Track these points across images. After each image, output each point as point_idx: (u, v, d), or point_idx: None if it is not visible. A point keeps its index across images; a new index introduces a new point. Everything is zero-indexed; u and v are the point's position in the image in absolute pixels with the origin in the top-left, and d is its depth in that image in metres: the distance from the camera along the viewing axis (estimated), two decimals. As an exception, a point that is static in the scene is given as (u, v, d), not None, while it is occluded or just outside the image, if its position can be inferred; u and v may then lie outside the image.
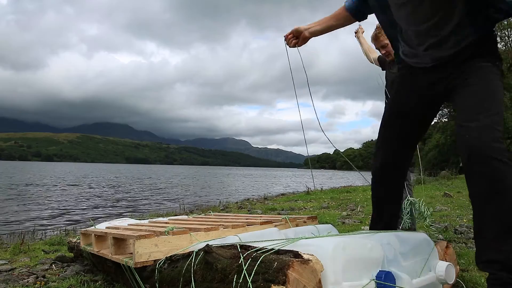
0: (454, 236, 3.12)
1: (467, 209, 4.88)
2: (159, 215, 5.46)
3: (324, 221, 4.06)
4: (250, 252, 1.22)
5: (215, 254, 1.28)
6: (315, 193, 9.32)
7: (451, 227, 3.45)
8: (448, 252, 1.73)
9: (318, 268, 1.15)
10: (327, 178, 30.11)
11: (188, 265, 1.35)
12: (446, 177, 13.20)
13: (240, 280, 1.15)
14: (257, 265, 1.15)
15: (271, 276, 1.10)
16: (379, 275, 1.30)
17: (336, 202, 6.65)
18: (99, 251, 1.93)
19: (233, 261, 1.23)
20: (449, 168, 16.95)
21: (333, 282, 1.19)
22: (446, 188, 8.52)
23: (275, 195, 10.34)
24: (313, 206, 6.27)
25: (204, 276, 1.29)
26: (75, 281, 2.00)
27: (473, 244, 2.81)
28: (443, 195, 6.95)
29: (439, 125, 21.00)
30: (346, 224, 3.93)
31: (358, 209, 5.40)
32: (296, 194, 10.33)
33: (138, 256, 1.51)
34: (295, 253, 1.18)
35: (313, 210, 5.68)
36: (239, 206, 6.13)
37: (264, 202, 7.53)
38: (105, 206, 8.56)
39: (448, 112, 17.33)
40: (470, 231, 3.28)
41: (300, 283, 1.09)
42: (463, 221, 3.90)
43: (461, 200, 6.16)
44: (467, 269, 2.15)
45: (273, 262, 1.14)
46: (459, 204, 5.55)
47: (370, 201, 6.42)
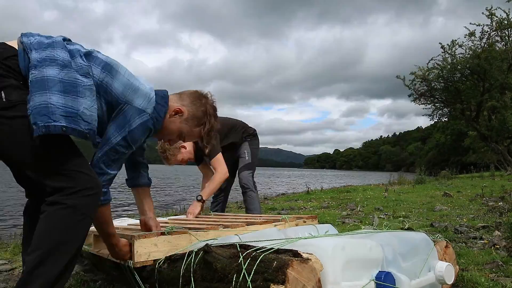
0: (454, 236, 3.12)
1: (467, 209, 4.88)
2: (158, 215, 5.46)
3: (324, 220, 4.06)
4: (250, 252, 1.22)
5: (214, 254, 1.28)
6: (315, 193, 9.32)
7: (451, 227, 3.45)
8: (448, 252, 1.73)
9: (318, 267, 1.15)
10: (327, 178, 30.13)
11: (187, 264, 1.36)
12: (446, 177, 13.19)
13: (239, 280, 1.15)
14: (257, 265, 1.15)
15: (270, 275, 1.11)
16: (378, 275, 1.30)
17: (336, 202, 6.65)
18: (99, 251, 1.93)
19: (232, 260, 1.23)
20: (449, 168, 16.93)
21: (332, 281, 1.19)
22: (446, 188, 8.51)
23: (275, 195, 10.33)
24: (313, 205, 6.26)
25: (203, 275, 1.29)
26: (75, 281, 2.00)
27: (473, 244, 2.81)
28: (443, 194, 6.94)
29: (439, 125, 20.97)
30: (346, 224, 3.92)
31: (358, 209, 5.40)
32: (296, 193, 10.33)
33: (138, 256, 1.51)
34: (295, 252, 1.18)
35: (313, 209, 5.67)
36: (239, 206, 6.13)
37: (264, 201, 7.53)
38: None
39: (448, 112, 17.28)
40: (470, 231, 3.28)
41: (300, 282, 1.09)
42: (463, 221, 3.90)
43: (461, 200, 6.15)
44: (467, 269, 2.15)
45: (273, 261, 1.14)
46: (459, 204, 5.55)
47: (370, 201, 6.44)
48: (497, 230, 3.16)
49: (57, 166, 1.28)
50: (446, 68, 15.16)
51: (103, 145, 1.42)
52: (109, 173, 1.43)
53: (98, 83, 1.38)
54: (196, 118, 1.59)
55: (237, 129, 3.34)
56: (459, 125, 18.43)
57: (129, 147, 1.45)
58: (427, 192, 7.71)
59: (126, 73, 1.47)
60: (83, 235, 1.30)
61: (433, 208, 5.08)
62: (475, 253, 2.51)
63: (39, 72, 1.25)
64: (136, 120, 1.42)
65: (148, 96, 1.48)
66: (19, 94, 1.24)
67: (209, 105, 1.64)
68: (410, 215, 4.53)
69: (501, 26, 13.93)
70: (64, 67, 1.29)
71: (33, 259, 1.21)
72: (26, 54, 1.29)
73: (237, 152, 3.36)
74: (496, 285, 1.83)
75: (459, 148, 37.11)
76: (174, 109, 1.57)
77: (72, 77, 1.29)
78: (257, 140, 3.47)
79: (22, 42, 1.31)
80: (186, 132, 1.61)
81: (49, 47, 1.31)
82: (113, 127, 1.42)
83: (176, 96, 1.62)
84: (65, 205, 1.24)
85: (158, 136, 1.64)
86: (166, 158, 2.99)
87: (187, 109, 1.59)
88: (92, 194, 1.30)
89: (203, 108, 1.61)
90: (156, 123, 1.50)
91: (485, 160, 21.07)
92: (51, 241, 1.23)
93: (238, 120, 3.47)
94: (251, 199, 3.21)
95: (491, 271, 2.10)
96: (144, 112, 1.44)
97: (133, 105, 1.43)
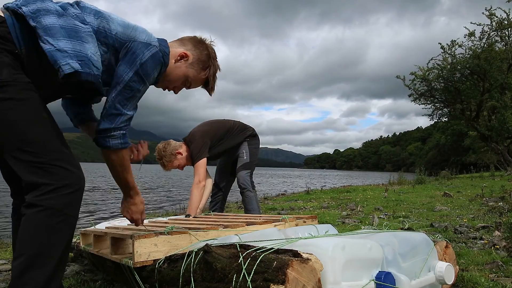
0: (454, 236, 3.12)
1: (467, 209, 4.88)
2: (158, 215, 5.46)
3: (324, 221, 4.06)
4: (250, 252, 1.22)
5: (214, 254, 1.28)
6: (315, 193, 9.32)
7: (451, 227, 3.45)
8: (448, 252, 1.73)
9: (318, 267, 1.15)
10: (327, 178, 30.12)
11: (187, 264, 1.36)
12: (446, 177, 13.19)
13: (239, 280, 1.15)
14: (257, 265, 1.15)
15: (270, 276, 1.10)
16: (378, 275, 1.30)
17: (336, 202, 6.65)
18: (99, 251, 1.93)
19: (232, 260, 1.23)
20: (449, 168, 16.94)
21: (332, 282, 1.19)
22: (446, 188, 8.51)
23: (275, 195, 10.34)
24: (313, 206, 6.27)
25: (203, 275, 1.29)
26: (75, 281, 2.00)
27: (473, 244, 2.81)
28: (443, 194, 6.94)
29: (439, 125, 20.96)
30: (346, 224, 3.92)
31: (358, 209, 5.40)
32: (296, 193, 10.33)
33: (138, 256, 1.51)
34: (295, 252, 1.18)
35: (313, 210, 5.67)
36: (239, 206, 6.13)
37: (264, 201, 7.53)
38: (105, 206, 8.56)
39: (448, 112, 17.28)
40: (470, 231, 3.28)
41: (300, 282, 1.09)
42: (463, 221, 3.90)
43: (461, 200, 6.16)
44: (467, 269, 2.15)
45: (273, 261, 1.14)
46: (459, 204, 5.55)
47: (370, 201, 6.44)
48: (497, 230, 3.16)
49: (36, 153, 1.21)
50: (446, 68, 15.17)
51: (115, 85, 1.37)
52: (125, 113, 1.39)
53: (95, 29, 1.35)
54: (201, 61, 1.58)
55: (234, 131, 3.34)
56: (459, 125, 18.43)
57: (143, 83, 1.40)
58: (427, 192, 7.71)
59: (118, 17, 1.44)
60: (68, 235, 1.25)
61: (433, 208, 5.08)
62: (475, 253, 2.51)
63: (37, 23, 1.21)
64: (145, 53, 1.37)
65: (149, 33, 1.45)
66: (10, 73, 1.19)
67: (211, 48, 1.63)
68: (410, 215, 4.53)
69: (501, 26, 13.94)
70: (61, 15, 1.26)
71: (18, 265, 1.17)
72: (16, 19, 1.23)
73: (236, 152, 3.36)
74: (496, 285, 1.82)
75: (459, 148, 37.13)
76: (179, 53, 1.54)
77: (71, 23, 1.27)
78: (257, 140, 3.47)
79: (7, 7, 1.26)
80: (192, 77, 1.59)
81: (38, 1, 1.27)
82: (123, 65, 1.37)
83: (177, 42, 1.59)
84: (42, 207, 1.19)
85: (163, 85, 1.59)
86: (163, 165, 3.04)
87: (191, 53, 1.57)
88: (72, 192, 1.24)
89: (206, 51, 1.60)
90: (165, 57, 1.47)
91: (485, 160, 21.09)
92: (34, 246, 1.18)
93: (236, 121, 3.48)
94: (249, 199, 3.22)
95: (491, 271, 2.10)
96: (151, 45, 1.40)
97: (138, 41, 1.39)
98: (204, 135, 3.14)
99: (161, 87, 1.61)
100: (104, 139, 1.38)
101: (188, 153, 3.10)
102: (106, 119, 1.37)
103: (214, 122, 3.37)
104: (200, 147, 3.05)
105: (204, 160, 3.04)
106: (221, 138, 3.25)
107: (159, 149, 3.05)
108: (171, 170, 3.13)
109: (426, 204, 5.60)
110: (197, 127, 3.28)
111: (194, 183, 2.96)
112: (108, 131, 1.37)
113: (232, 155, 3.38)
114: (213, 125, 3.30)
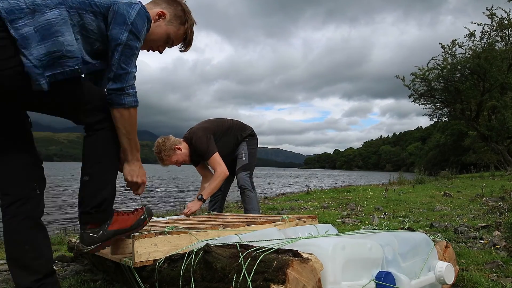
0: (454, 236, 3.12)
1: (467, 209, 4.88)
2: (158, 215, 5.46)
3: (324, 220, 4.06)
4: (250, 252, 1.22)
5: (214, 254, 1.28)
6: (315, 193, 9.32)
7: (451, 227, 3.45)
8: (448, 252, 1.73)
9: (318, 267, 1.15)
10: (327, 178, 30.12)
11: (187, 264, 1.36)
12: (446, 177, 13.19)
13: (239, 279, 1.15)
14: (257, 265, 1.15)
15: (270, 275, 1.10)
16: (378, 275, 1.30)
17: (336, 202, 6.65)
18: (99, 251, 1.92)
19: (232, 260, 1.23)
20: (449, 168, 16.93)
21: (332, 281, 1.19)
22: (446, 188, 8.51)
23: (275, 195, 10.34)
24: (313, 205, 6.27)
25: (203, 275, 1.29)
26: (75, 280, 2.00)
27: (473, 244, 2.81)
28: (443, 194, 6.94)
29: (439, 125, 20.96)
30: (346, 224, 3.92)
31: (358, 209, 5.40)
32: (296, 193, 10.33)
33: (138, 256, 1.51)
34: (295, 252, 1.18)
35: (313, 209, 5.67)
36: (239, 206, 6.13)
37: (264, 201, 7.53)
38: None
39: (448, 112, 17.29)
40: (470, 231, 3.28)
41: (300, 282, 1.09)
42: (463, 221, 3.90)
43: (461, 200, 6.15)
44: (467, 269, 2.15)
45: (273, 261, 1.14)
46: (459, 204, 5.55)
47: (370, 201, 6.44)
48: (497, 230, 3.16)
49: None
50: (446, 68, 15.17)
51: (115, 47, 1.44)
52: (131, 71, 1.48)
53: (76, 5, 1.38)
54: (178, 17, 1.65)
55: (233, 131, 3.35)
56: (459, 125, 18.43)
57: (138, 40, 1.48)
58: (427, 192, 7.71)
59: None
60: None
61: (433, 208, 5.08)
62: (475, 253, 2.51)
63: (16, 31, 1.23)
64: (131, 12, 1.44)
65: None
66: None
67: (184, 3, 1.70)
68: (410, 215, 4.53)
69: (502, 26, 13.94)
70: (33, 12, 1.28)
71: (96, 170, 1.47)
72: None
73: (235, 152, 3.37)
74: (496, 285, 1.83)
75: (459, 148, 37.11)
76: (156, 13, 1.61)
77: (43, 20, 1.29)
78: (255, 140, 3.47)
79: None
80: (174, 33, 1.65)
81: None
82: (115, 28, 1.44)
83: (151, 4, 1.66)
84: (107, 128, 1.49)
85: (147, 46, 1.66)
86: (161, 159, 3.03)
87: (167, 11, 1.64)
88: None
89: (180, 7, 1.67)
90: (147, 12, 1.52)
91: (485, 160, 21.07)
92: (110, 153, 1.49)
93: (234, 120, 3.48)
94: (249, 198, 3.22)
95: (491, 271, 2.10)
96: (134, 3, 1.47)
97: (120, 2, 1.45)
98: (206, 131, 3.15)
99: (145, 48, 1.67)
100: (119, 97, 1.45)
101: (188, 151, 3.10)
102: (116, 80, 1.45)
103: (213, 120, 3.37)
104: (206, 142, 3.06)
105: (217, 153, 3.07)
106: (221, 136, 3.25)
107: (158, 143, 3.05)
108: (168, 165, 3.13)
109: (426, 204, 5.60)
110: (197, 125, 3.29)
111: (218, 172, 3.00)
112: (121, 90, 1.45)
113: (231, 155, 3.38)
114: (213, 123, 3.31)
